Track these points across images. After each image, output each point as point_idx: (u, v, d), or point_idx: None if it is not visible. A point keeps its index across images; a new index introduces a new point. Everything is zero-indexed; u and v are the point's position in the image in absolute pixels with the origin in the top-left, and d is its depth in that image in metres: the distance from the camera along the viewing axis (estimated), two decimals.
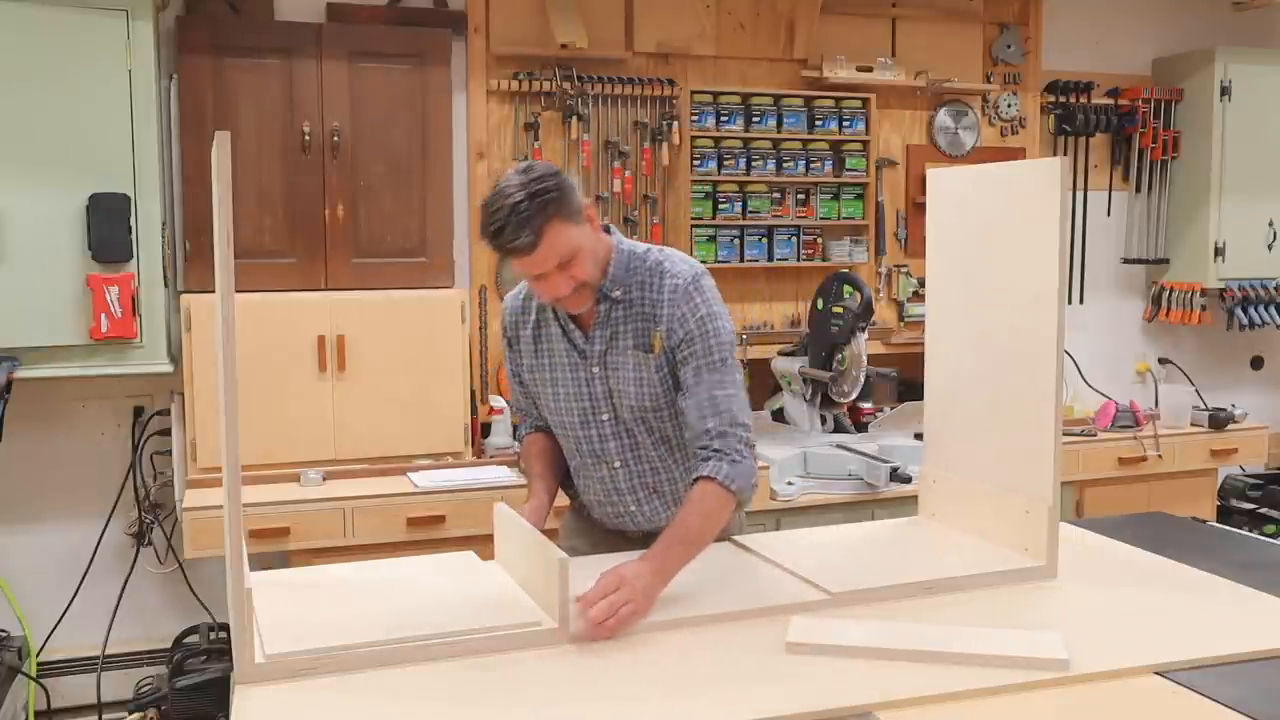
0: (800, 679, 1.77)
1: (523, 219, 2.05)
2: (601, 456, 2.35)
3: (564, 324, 2.31)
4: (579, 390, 2.31)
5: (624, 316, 2.27)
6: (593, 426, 2.33)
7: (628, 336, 2.26)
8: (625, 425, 2.32)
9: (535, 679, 1.77)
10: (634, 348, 2.26)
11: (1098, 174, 5.21)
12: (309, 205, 3.77)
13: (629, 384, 2.27)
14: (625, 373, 2.27)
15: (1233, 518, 4.85)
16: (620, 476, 2.36)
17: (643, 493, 2.37)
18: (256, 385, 3.52)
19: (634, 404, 2.28)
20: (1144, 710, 1.70)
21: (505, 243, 2.07)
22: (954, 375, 2.52)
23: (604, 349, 2.28)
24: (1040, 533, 2.25)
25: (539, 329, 2.36)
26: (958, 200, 2.50)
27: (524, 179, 2.08)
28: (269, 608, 1.93)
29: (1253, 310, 5.10)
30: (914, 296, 4.75)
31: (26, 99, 3.38)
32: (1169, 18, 5.27)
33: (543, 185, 2.07)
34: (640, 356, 2.26)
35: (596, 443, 2.34)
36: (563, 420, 2.36)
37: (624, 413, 2.30)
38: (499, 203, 2.07)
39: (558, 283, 2.15)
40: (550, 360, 2.34)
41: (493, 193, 2.11)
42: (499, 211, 2.06)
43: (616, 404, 2.30)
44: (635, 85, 4.31)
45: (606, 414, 2.31)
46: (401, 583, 2.16)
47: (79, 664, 3.89)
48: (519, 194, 2.06)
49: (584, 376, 2.30)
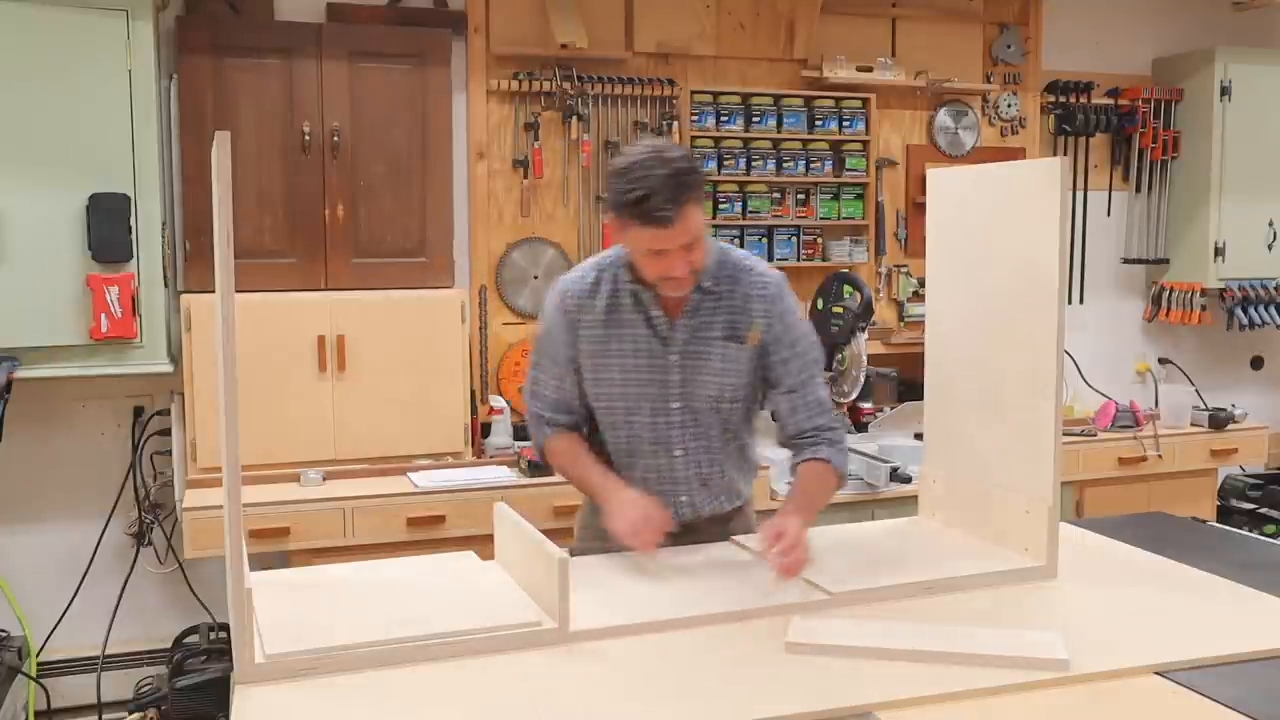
0: (800, 679, 1.77)
1: (673, 193, 2.08)
2: (664, 444, 2.35)
3: (648, 310, 2.29)
4: (653, 377, 2.31)
5: (713, 308, 2.30)
6: (660, 414, 2.33)
7: (716, 327, 2.30)
8: (694, 414, 2.34)
9: (535, 679, 1.77)
10: (723, 338, 2.30)
11: (1098, 174, 5.21)
12: (309, 205, 3.77)
13: (711, 374, 2.31)
14: (709, 362, 2.30)
15: (1233, 518, 4.85)
16: (679, 465, 2.37)
17: (696, 483, 2.39)
18: (256, 385, 3.52)
19: (713, 393, 2.32)
20: (1144, 710, 1.70)
21: (650, 210, 2.08)
22: (954, 375, 2.52)
23: (687, 338, 2.30)
24: (1040, 533, 2.26)
25: (611, 313, 2.31)
26: (958, 200, 2.50)
27: (668, 155, 2.11)
28: (269, 608, 1.94)
29: (1253, 310, 5.10)
30: (914, 296, 4.75)
31: (26, 99, 3.38)
32: (1169, 18, 5.27)
33: (689, 165, 2.13)
34: (731, 348, 2.30)
35: (662, 430, 2.34)
36: (626, 406, 2.33)
37: (697, 401, 2.32)
38: (643, 172, 2.09)
39: (677, 262, 2.17)
40: (621, 345, 2.31)
41: (629, 161, 2.13)
42: (644, 180, 2.08)
43: (690, 392, 2.32)
44: (635, 85, 4.31)
45: (677, 402, 2.32)
46: (401, 583, 2.16)
47: (79, 664, 3.89)
48: (666, 168, 2.09)
49: (660, 364, 2.30)
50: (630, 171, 2.11)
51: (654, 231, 2.12)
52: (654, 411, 2.33)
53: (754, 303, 2.31)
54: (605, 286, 2.33)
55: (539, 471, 3.76)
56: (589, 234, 4.35)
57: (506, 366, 4.28)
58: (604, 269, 2.35)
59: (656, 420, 2.34)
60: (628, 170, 2.12)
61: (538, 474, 3.76)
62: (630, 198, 2.09)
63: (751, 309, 2.31)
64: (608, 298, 2.32)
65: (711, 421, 2.36)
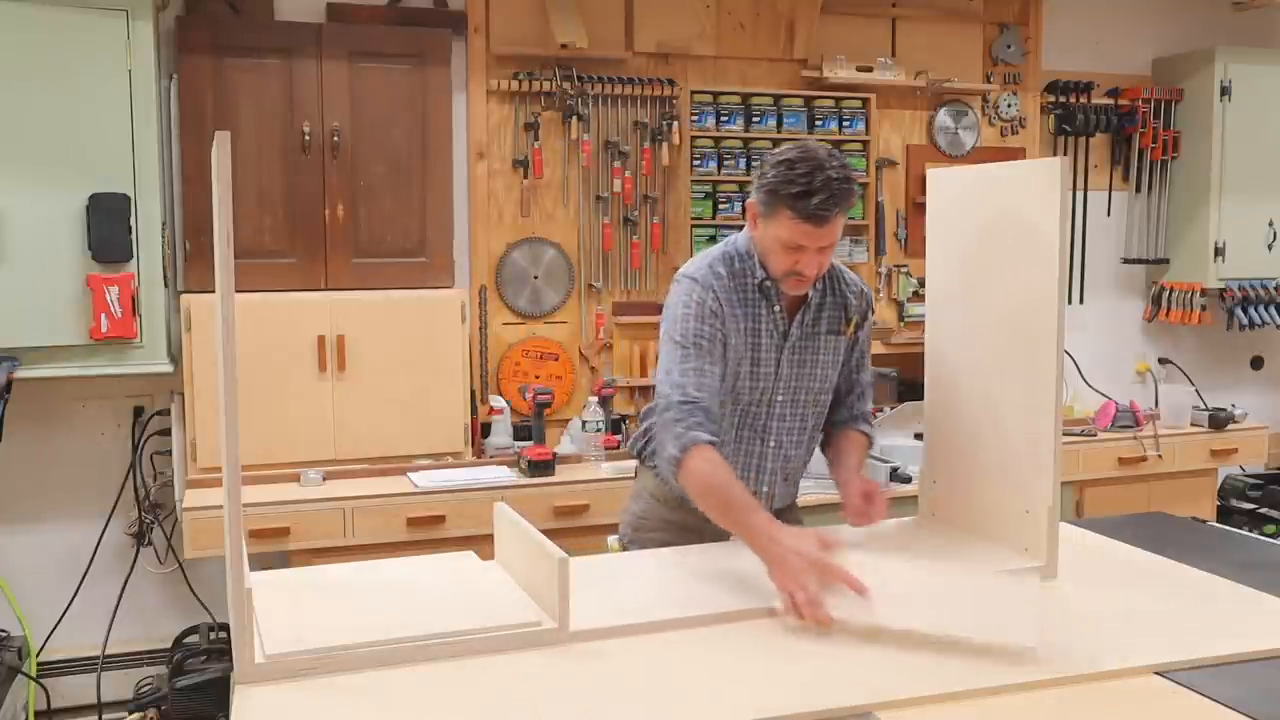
0: (800, 679, 1.77)
1: (836, 196, 2.16)
2: (761, 434, 2.42)
3: (773, 304, 2.37)
4: (766, 370, 2.39)
5: (819, 304, 2.42)
6: (763, 405, 2.40)
7: (822, 323, 2.42)
8: (796, 407, 2.43)
9: (535, 679, 1.77)
10: (828, 332, 2.43)
11: (1098, 174, 5.21)
12: (309, 205, 3.77)
13: (819, 366, 2.42)
14: (819, 355, 2.42)
15: (1233, 518, 4.85)
16: (770, 455, 2.44)
17: (779, 475, 2.47)
18: (256, 385, 3.52)
19: (818, 386, 2.43)
20: (1144, 710, 1.70)
21: (813, 207, 2.15)
22: (954, 375, 2.52)
23: (800, 334, 2.40)
24: (1040, 533, 2.25)
25: (746, 306, 2.36)
26: (958, 200, 2.50)
27: (834, 162, 2.19)
28: (269, 608, 1.93)
29: (1253, 310, 5.10)
30: (914, 296, 4.75)
31: (26, 99, 3.38)
32: (1169, 18, 5.27)
33: (849, 176, 2.20)
34: (835, 340, 2.44)
35: (763, 419, 2.41)
36: (737, 395, 2.38)
37: (801, 394, 2.42)
38: (813, 167, 2.16)
39: (813, 262, 2.25)
40: (745, 339, 2.35)
41: (798, 155, 2.19)
42: (813, 175, 2.15)
43: (797, 386, 2.41)
44: (635, 85, 4.31)
45: (783, 395, 2.41)
46: (401, 583, 2.16)
47: (79, 664, 3.89)
48: (837, 172, 2.17)
49: (775, 357, 2.38)
50: (798, 165, 2.17)
51: (805, 227, 2.19)
52: (758, 403, 2.40)
53: (850, 299, 2.46)
54: (737, 278, 2.36)
55: (539, 471, 3.76)
56: (589, 234, 4.35)
57: (506, 366, 4.28)
58: (729, 259, 2.37)
59: (759, 411, 2.41)
60: (796, 163, 2.18)
61: (538, 474, 3.76)
62: (795, 189, 2.16)
63: (849, 304, 2.45)
64: (733, 280, 2.36)
65: (808, 415, 2.46)
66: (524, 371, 4.28)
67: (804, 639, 1.93)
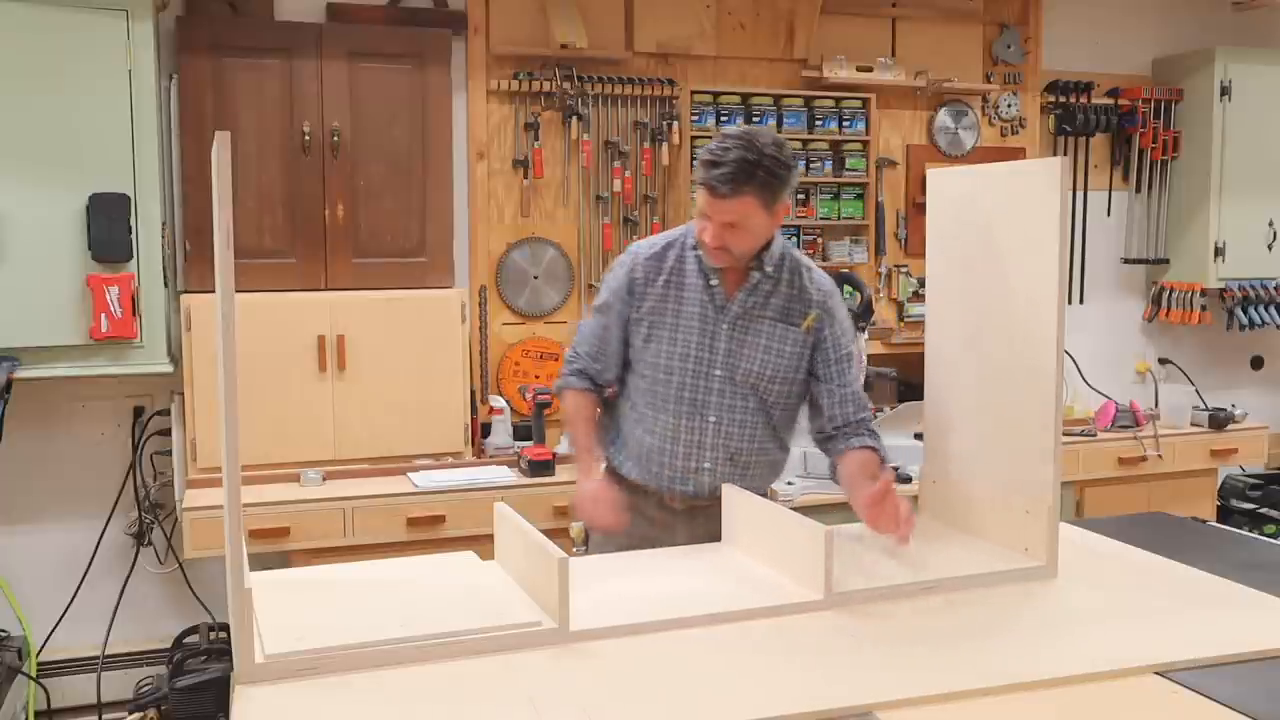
0: (800, 679, 1.77)
1: (737, 173, 2.27)
2: (700, 408, 2.48)
3: (709, 277, 2.47)
4: (702, 341, 2.47)
5: (770, 291, 2.48)
6: (701, 377, 2.48)
7: (770, 309, 2.48)
8: (735, 385, 2.48)
9: (535, 679, 1.77)
10: (777, 320, 2.49)
11: (1098, 174, 5.21)
12: (309, 205, 3.77)
13: (757, 350, 2.48)
14: (758, 339, 2.48)
15: (1233, 518, 4.85)
16: (711, 431, 2.49)
17: (722, 454, 2.50)
18: (256, 385, 3.52)
19: (756, 369, 2.48)
20: (1144, 710, 1.70)
21: (710, 176, 2.30)
22: (954, 375, 2.52)
23: (741, 311, 2.47)
24: (1040, 533, 2.26)
25: (675, 276, 2.49)
26: (958, 200, 2.50)
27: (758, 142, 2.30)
28: (269, 608, 1.93)
29: (1253, 310, 5.10)
30: (914, 296, 4.75)
31: (27, 99, 3.38)
32: (1169, 18, 5.27)
33: (769, 166, 2.30)
34: (783, 329, 2.49)
35: (701, 393, 2.48)
36: (672, 365, 2.48)
37: (739, 374, 2.48)
38: (735, 144, 2.29)
39: (717, 233, 2.35)
40: (679, 307, 2.47)
41: (738, 130, 2.37)
42: (728, 150, 2.29)
43: (734, 364, 2.47)
44: (635, 85, 4.31)
45: (720, 370, 2.48)
46: (401, 583, 2.16)
47: (79, 664, 3.88)
48: (746, 151, 2.28)
49: (711, 329, 2.47)
50: (727, 139, 2.32)
51: (708, 197, 2.32)
52: (696, 374, 2.47)
53: (810, 295, 2.51)
54: (673, 253, 2.51)
55: (539, 471, 3.76)
56: (589, 234, 4.34)
57: (506, 366, 4.27)
58: (674, 239, 2.55)
59: (698, 384, 2.48)
60: (728, 137, 2.33)
61: (538, 474, 3.76)
62: (706, 157, 2.32)
63: (808, 300, 2.50)
64: (674, 261, 2.50)
65: (749, 398, 2.49)
66: (524, 371, 4.28)
67: (804, 639, 1.94)
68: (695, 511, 2.54)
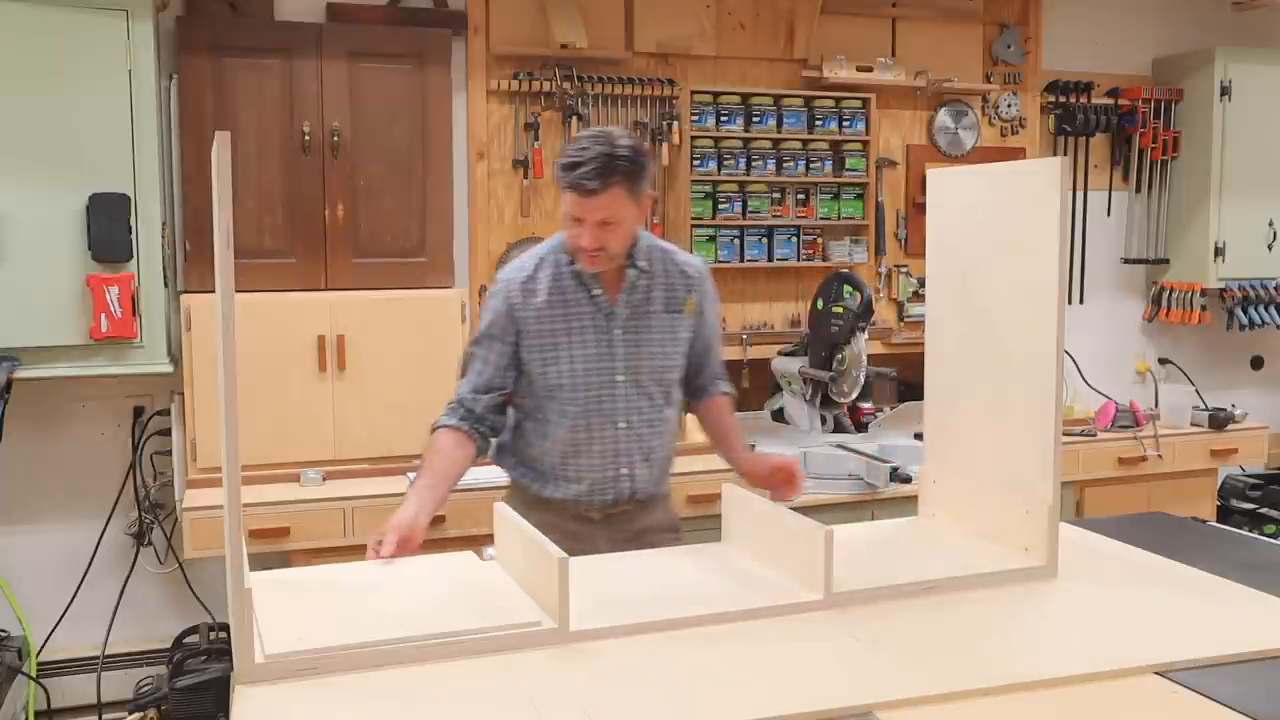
0: (800, 679, 1.77)
1: (601, 168, 2.30)
2: (609, 416, 2.50)
3: (590, 289, 2.48)
4: (599, 350, 2.48)
5: (649, 285, 2.52)
6: (606, 388, 2.49)
7: (655, 301, 2.52)
8: (639, 386, 2.51)
9: (535, 679, 1.77)
10: (665, 310, 2.53)
11: (1098, 174, 5.21)
12: (309, 205, 3.77)
13: (654, 344, 2.52)
14: (653, 334, 2.51)
15: (1233, 518, 4.85)
16: (623, 437, 2.51)
17: (638, 456, 2.54)
18: (256, 385, 3.52)
19: (658, 363, 2.52)
20: (1144, 710, 1.70)
21: (576, 177, 2.31)
22: (954, 375, 2.52)
23: (629, 313, 2.50)
24: (1040, 533, 2.26)
25: (554, 295, 2.48)
26: (958, 200, 2.50)
27: (614, 139, 2.35)
28: (269, 608, 1.93)
29: (1253, 310, 5.10)
30: (914, 296, 4.75)
31: (26, 99, 3.38)
32: (1169, 18, 5.27)
33: (629, 154, 2.35)
34: (673, 318, 2.54)
35: (607, 402, 2.49)
36: (575, 382, 2.47)
37: (641, 374, 2.51)
38: (591, 142, 2.33)
39: (592, 235, 2.36)
40: (568, 325, 2.47)
41: (589, 132, 2.41)
42: (586, 149, 2.32)
43: (635, 365, 2.50)
44: (635, 85, 4.31)
45: (623, 375, 2.50)
46: (401, 583, 2.16)
47: (79, 664, 3.89)
48: (605, 147, 2.32)
49: (606, 338, 2.49)
50: (582, 140, 2.36)
51: (574, 198, 2.34)
52: (600, 385, 2.49)
53: (689, 277, 2.58)
54: (546, 272, 2.50)
55: None
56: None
57: None
58: (544, 257, 2.53)
59: (602, 394, 2.49)
60: (582, 139, 2.37)
61: None
62: (564, 161, 2.34)
63: (687, 284, 2.57)
64: (550, 282, 2.49)
65: (654, 393, 2.54)
66: None
67: (804, 639, 1.94)
68: (613, 519, 2.56)
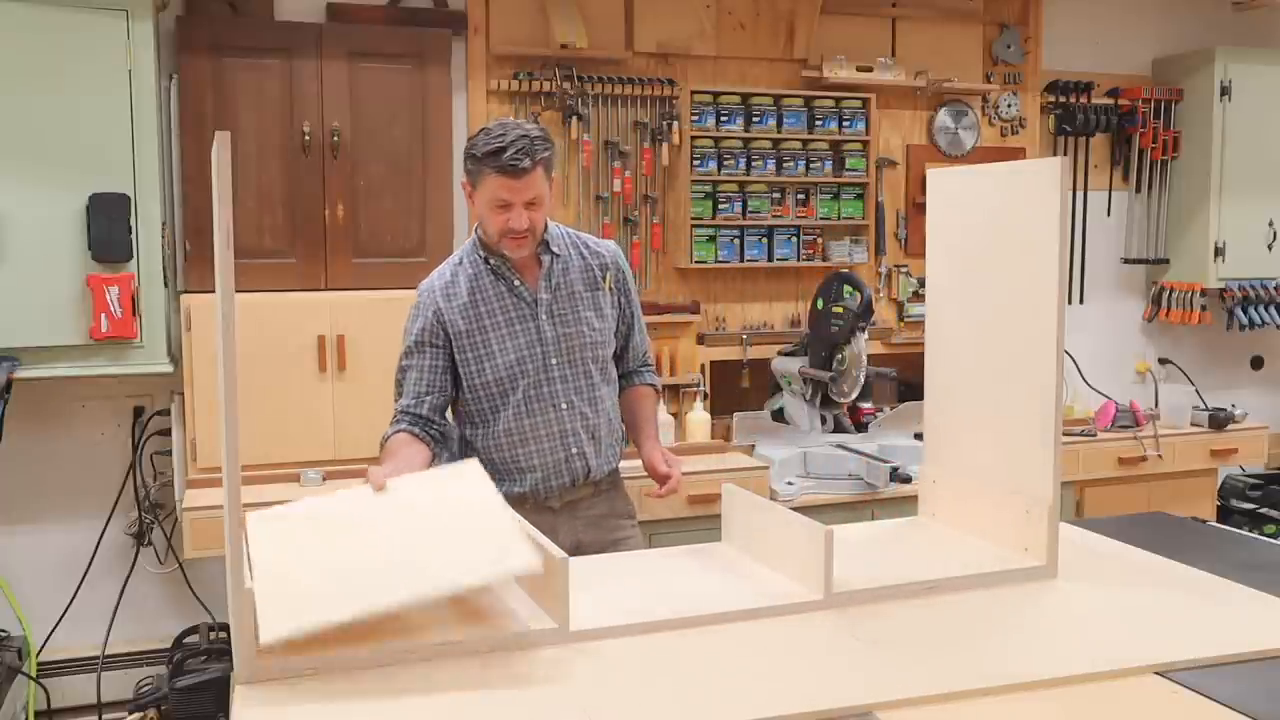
0: (800, 679, 1.77)
1: (526, 148, 2.36)
2: (550, 400, 2.55)
3: (510, 280, 2.54)
4: (529, 339, 2.53)
5: (565, 268, 2.58)
6: (541, 372, 2.54)
7: (575, 282, 2.58)
8: (573, 366, 2.56)
9: (535, 679, 1.77)
10: (585, 289, 2.59)
11: (1098, 174, 5.21)
12: (309, 205, 3.77)
13: (582, 324, 2.57)
14: (580, 312, 2.57)
15: (1233, 518, 4.85)
16: (566, 418, 2.55)
17: (585, 435, 2.57)
18: (256, 385, 3.52)
19: (588, 339, 2.57)
20: (1144, 710, 1.70)
21: (504, 160, 2.35)
22: (954, 375, 2.52)
23: (551, 298, 2.55)
24: (1040, 533, 2.25)
25: (474, 295, 2.54)
26: (958, 200, 2.50)
27: (525, 125, 2.43)
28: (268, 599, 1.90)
29: (1253, 310, 5.11)
30: (914, 296, 4.75)
31: (26, 99, 3.38)
32: (1169, 18, 5.27)
33: (544, 136, 2.44)
34: (595, 294, 2.60)
35: (544, 386, 2.54)
36: (513, 374, 2.52)
37: (575, 354, 2.56)
38: (505, 130, 2.38)
39: (522, 216, 2.42)
40: (494, 320, 2.53)
41: (494, 123, 2.44)
42: (504, 135, 2.37)
43: (568, 345, 2.55)
44: (635, 85, 4.31)
45: (556, 358, 2.55)
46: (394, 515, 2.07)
47: (79, 664, 3.89)
48: (528, 130, 2.39)
49: (533, 326, 2.54)
50: (490, 130, 2.41)
51: (505, 180, 2.38)
52: (536, 371, 2.53)
53: (602, 257, 2.64)
54: (464, 275, 2.57)
55: None
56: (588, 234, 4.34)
57: None
58: (459, 262, 2.60)
59: (540, 379, 2.54)
60: (488, 130, 2.41)
61: None
62: (489, 148, 2.37)
63: (602, 263, 2.63)
64: (469, 283, 2.55)
65: (591, 371, 2.59)
66: None
67: (804, 639, 1.94)
68: (574, 506, 2.60)
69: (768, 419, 4.36)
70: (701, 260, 4.40)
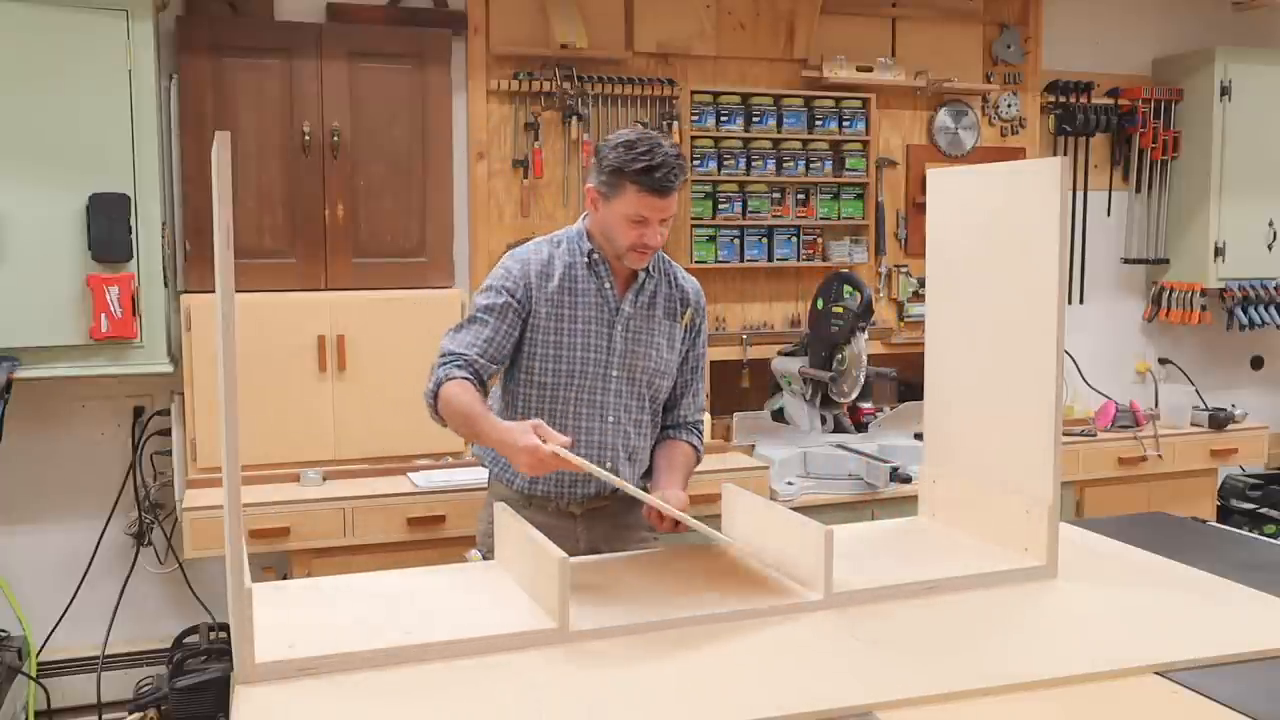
0: (800, 679, 1.77)
1: (677, 169, 2.37)
2: (600, 409, 2.51)
3: (603, 280, 2.51)
4: (599, 343, 2.50)
5: (654, 290, 2.56)
6: (599, 379, 2.50)
7: (657, 306, 2.56)
8: (632, 384, 2.52)
9: (535, 679, 1.77)
10: (665, 316, 2.57)
11: (1098, 174, 5.21)
12: (309, 205, 3.77)
13: (652, 347, 2.54)
14: (652, 336, 2.54)
15: (1233, 518, 4.85)
16: (610, 431, 2.52)
17: (623, 453, 2.54)
18: (256, 385, 3.52)
19: (653, 365, 2.54)
20: (1144, 710, 1.70)
21: (656, 179, 2.34)
22: (954, 375, 2.52)
23: (632, 313, 2.53)
24: (1040, 533, 2.26)
25: (566, 282, 2.50)
26: (958, 200, 2.50)
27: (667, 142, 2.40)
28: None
29: (1253, 310, 5.10)
30: (914, 296, 4.75)
31: (26, 99, 3.38)
32: (1169, 18, 5.27)
33: (681, 154, 2.44)
34: (669, 325, 2.57)
35: (599, 394, 2.50)
36: (572, 369, 2.48)
37: (637, 372, 2.53)
38: (653, 145, 2.36)
39: (655, 233, 2.42)
40: (575, 313, 2.49)
41: (635, 136, 2.39)
42: (655, 152, 2.35)
43: (631, 363, 2.52)
44: (635, 85, 4.31)
45: (618, 370, 2.51)
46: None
47: (79, 664, 3.88)
48: (671, 149, 2.38)
49: (608, 332, 2.51)
50: (639, 145, 2.36)
51: (651, 199, 2.36)
52: (595, 375, 2.50)
53: (686, 292, 2.62)
54: (560, 260, 2.52)
55: None
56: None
57: None
58: (557, 244, 2.55)
59: (595, 384, 2.50)
60: (636, 143, 2.36)
61: None
62: (641, 165, 2.34)
63: (685, 298, 2.61)
64: (564, 268, 2.51)
65: (644, 395, 2.55)
66: None
67: (804, 639, 1.94)
68: (593, 514, 2.55)
69: (768, 419, 4.36)
70: (701, 260, 4.40)
